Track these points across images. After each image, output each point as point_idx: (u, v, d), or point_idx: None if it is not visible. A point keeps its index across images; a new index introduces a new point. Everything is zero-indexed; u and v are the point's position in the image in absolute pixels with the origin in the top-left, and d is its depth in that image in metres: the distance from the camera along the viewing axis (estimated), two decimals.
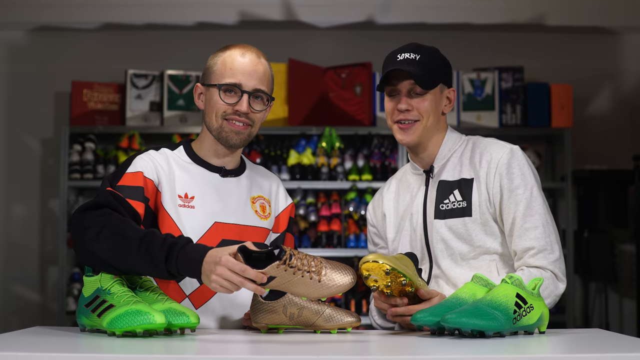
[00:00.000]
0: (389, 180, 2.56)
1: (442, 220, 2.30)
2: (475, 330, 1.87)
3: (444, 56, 2.39)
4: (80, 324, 2.06)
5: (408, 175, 2.47)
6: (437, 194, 2.34)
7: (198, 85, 2.34)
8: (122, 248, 2.01)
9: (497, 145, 2.33)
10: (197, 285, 2.24)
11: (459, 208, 2.29)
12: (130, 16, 5.33)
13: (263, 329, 2.12)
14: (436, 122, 2.35)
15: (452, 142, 2.39)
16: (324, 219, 5.09)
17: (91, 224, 2.06)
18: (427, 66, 2.30)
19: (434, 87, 2.32)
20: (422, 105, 2.31)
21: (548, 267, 2.23)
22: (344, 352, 1.82)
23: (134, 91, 5.21)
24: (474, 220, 2.28)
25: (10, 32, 5.49)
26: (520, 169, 2.28)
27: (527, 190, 2.26)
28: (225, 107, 2.26)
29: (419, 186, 2.40)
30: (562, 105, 5.18)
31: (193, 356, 1.76)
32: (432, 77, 2.31)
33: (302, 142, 5.15)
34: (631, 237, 5.31)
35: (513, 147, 2.33)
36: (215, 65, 2.29)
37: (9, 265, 5.40)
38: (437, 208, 2.32)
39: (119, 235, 2.02)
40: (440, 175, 2.36)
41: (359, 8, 5.34)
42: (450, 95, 2.38)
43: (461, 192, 2.30)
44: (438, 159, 2.38)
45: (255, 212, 2.33)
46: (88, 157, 5.13)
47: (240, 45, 2.34)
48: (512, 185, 2.26)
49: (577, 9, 5.36)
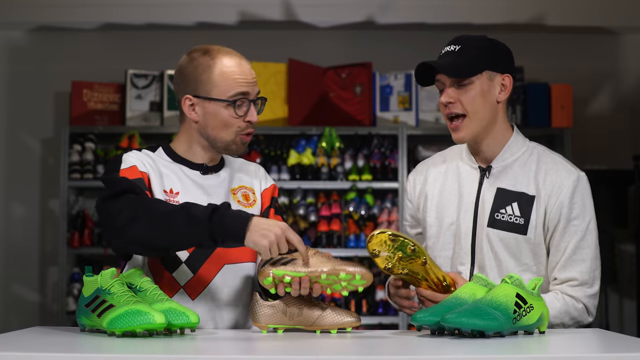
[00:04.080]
0: (436, 157, 2.45)
1: (496, 230, 2.25)
2: (475, 330, 1.87)
3: (498, 42, 2.29)
4: (80, 324, 2.06)
5: (461, 162, 2.36)
6: (494, 201, 2.26)
7: (189, 96, 2.27)
8: (161, 222, 2.04)
9: (565, 170, 2.27)
10: (191, 276, 2.24)
11: (516, 224, 2.24)
12: (130, 16, 5.33)
13: (263, 329, 2.12)
14: (490, 113, 2.25)
15: (517, 146, 2.30)
16: (324, 219, 5.09)
17: (122, 208, 2.07)
18: (465, 55, 2.21)
19: (471, 74, 2.21)
20: (465, 96, 2.21)
21: (583, 300, 2.23)
22: (344, 352, 1.82)
23: (134, 91, 5.21)
24: (528, 240, 2.24)
25: (10, 32, 5.49)
26: (582, 199, 2.26)
27: (584, 222, 2.24)
28: (239, 121, 2.25)
29: (472, 182, 2.31)
30: (562, 105, 5.18)
31: (193, 356, 1.76)
32: (469, 64, 2.21)
33: (302, 142, 5.15)
34: (631, 237, 5.31)
35: (580, 174, 2.28)
36: (212, 77, 2.24)
37: (9, 265, 5.40)
38: (491, 216, 2.26)
39: (155, 212, 2.05)
40: (498, 178, 2.28)
41: (359, 8, 5.34)
42: (505, 81, 2.25)
43: (520, 207, 2.24)
44: (498, 159, 2.29)
45: (238, 202, 2.33)
46: (88, 157, 5.13)
47: (224, 51, 2.30)
48: (572, 215, 2.24)
49: (577, 9, 5.36)
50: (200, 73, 2.26)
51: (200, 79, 2.26)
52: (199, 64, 2.27)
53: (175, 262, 2.24)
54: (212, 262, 2.25)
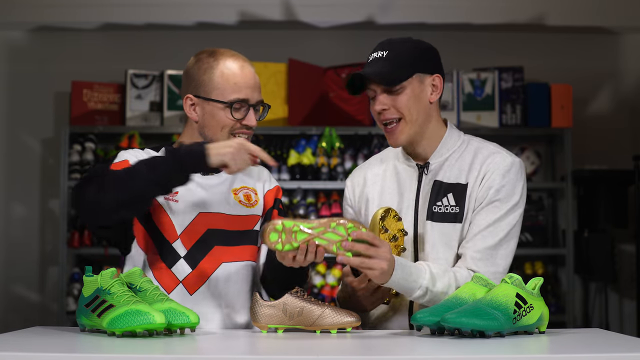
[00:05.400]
0: (372, 160, 2.47)
1: (435, 223, 2.25)
2: (475, 330, 1.87)
3: (423, 43, 2.29)
4: (80, 324, 2.06)
5: (397, 162, 2.38)
6: (431, 194, 2.28)
7: (190, 96, 2.31)
8: (126, 179, 2.08)
9: (500, 155, 2.27)
10: (189, 271, 2.25)
11: (452, 213, 2.25)
12: (130, 16, 5.33)
13: (263, 329, 2.12)
14: (424, 114, 2.27)
15: (452, 140, 2.32)
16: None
17: (90, 184, 2.11)
18: (394, 60, 2.22)
19: (401, 81, 2.22)
20: (398, 101, 2.23)
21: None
22: (344, 352, 1.83)
23: (134, 91, 5.21)
24: (464, 228, 2.24)
25: (10, 32, 5.49)
26: (512, 184, 2.24)
27: (507, 204, 2.22)
28: (233, 122, 2.28)
29: (411, 180, 2.33)
30: (562, 105, 5.18)
31: (193, 356, 1.76)
32: (400, 70, 2.22)
33: (302, 142, 5.15)
34: (631, 237, 5.31)
35: (515, 159, 2.28)
36: (213, 78, 2.27)
37: (9, 265, 5.40)
38: (429, 209, 2.27)
39: (117, 175, 2.11)
40: (436, 174, 2.30)
41: (359, 8, 5.34)
42: (435, 82, 2.28)
43: (455, 197, 2.25)
44: (435, 155, 2.31)
45: (239, 202, 2.34)
46: (88, 157, 5.13)
47: (229, 54, 2.32)
48: (497, 196, 2.22)
49: (577, 9, 5.36)
50: (202, 74, 2.29)
51: (202, 79, 2.29)
52: (202, 65, 2.30)
53: (174, 257, 2.25)
54: (210, 259, 2.26)
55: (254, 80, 2.30)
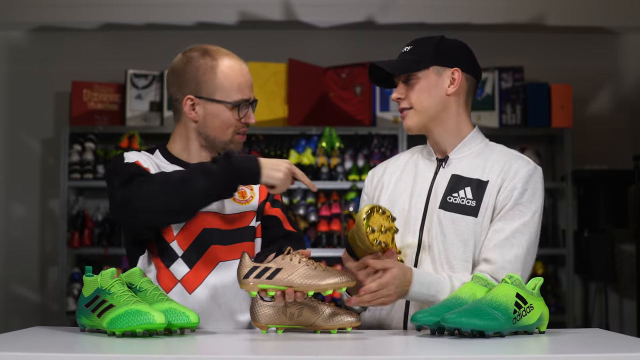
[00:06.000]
0: (399, 154, 2.53)
1: (448, 212, 2.27)
2: (475, 330, 1.87)
3: (451, 41, 2.37)
4: (80, 324, 2.06)
5: (420, 158, 2.43)
6: (448, 185, 2.30)
7: (191, 97, 2.31)
8: (181, 185, 2.10)
9: (522, 160, 2.31)
10: (187, 270, 2.26)
11: (467, 206, 2.26)
12: (130, 16, 5.33)
13: (263, 329, 2.12)
14: (438, 105, 2.32)
15: (475, 142, 2.36)
16: (324, 219, 5.09)
17: (139, 187, 2.11)
18: (414, 53, 2.32)
19: (412, 70, 2.30)
20: (411, 91, 2.31)
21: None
22: (344, 352, 1.83)
23: (134, 91, 5.21)
24: (477, 222, 2.25)
25: (10, 32, 5.49)
26: (534, 189, 2.26)
27: (530, 210, 2.25)
28: (238, 122, 2.30)
29: (428, 171, 2.37)
30: (562, 105, 5.18)
31: (193, 356, 1.76)
32: (412, 61, 2.30)
33: (302, 142, 5.15)
34: (631, 237, 5.31)
35: (537, 167, 2.31)
36: (215, 79, 2.28)
37: (9, 265, 5.40)
38: (444, 199, 2.29)
39: (170, 180, 2.13)
40: (455, 169, 2.33)
41: (359, 8, 5.34)
42: (454, 75, 2.32)
43: (473, 191, 2.28)
44: (456, 152, 2.35)
45: (233, 200, 2.35)
46: (88, 157, 5.13)
47: (224, 53, 2.34)
48: (521, 199, 2.25)
49: (577, 9, 5.36)
50: (202, 74, 2.30)
51: (202, 79, 2.30)
52: (200, 65, 2.31)
53: (172, 257, 2.26)
54: (207, 259, 2.27)
55: (250, 79, 2.35)
